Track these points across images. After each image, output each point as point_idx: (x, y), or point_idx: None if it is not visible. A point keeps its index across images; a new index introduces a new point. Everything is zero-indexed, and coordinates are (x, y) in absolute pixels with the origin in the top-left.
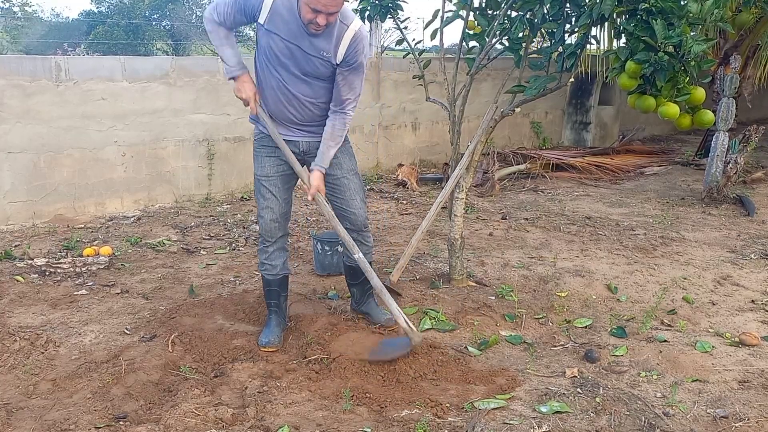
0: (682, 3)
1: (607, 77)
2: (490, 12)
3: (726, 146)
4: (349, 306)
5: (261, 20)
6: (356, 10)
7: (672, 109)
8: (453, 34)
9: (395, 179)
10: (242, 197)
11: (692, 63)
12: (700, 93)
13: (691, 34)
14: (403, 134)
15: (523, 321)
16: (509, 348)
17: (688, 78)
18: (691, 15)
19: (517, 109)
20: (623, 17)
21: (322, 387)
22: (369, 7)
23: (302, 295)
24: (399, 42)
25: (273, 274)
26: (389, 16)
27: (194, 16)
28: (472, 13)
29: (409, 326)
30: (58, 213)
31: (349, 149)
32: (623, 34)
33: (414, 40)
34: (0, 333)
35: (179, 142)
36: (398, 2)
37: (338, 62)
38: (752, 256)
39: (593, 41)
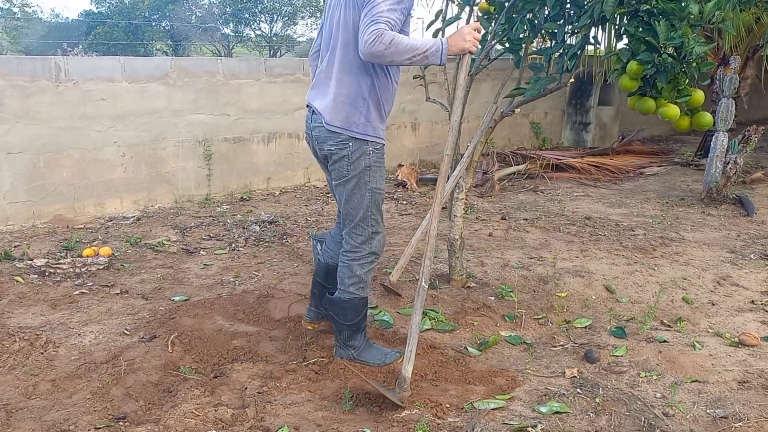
0: (683, 4)
1: (607, 79)
2: (492, 10)
3: (725, 146)
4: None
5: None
6: None
7: (672, 110)
8: None
9: (395, 179)
10: (242, 197)
11: (693, 64)
12: (699, 95)
13: (692, 35)
14: (402, 134)
15: (523, 321)
16: (509, 348)
17: (688, 80)
18: (692, 16)
19: (517, 110)
20: (624, 18)
21: (322, 387)
22: None
23: (302, 295)
24: None
25: (365, 293)
26: None
27: (194, 17)
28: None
29: (405, 380)
30: (58, 213)
31: None
32: (624, 36)
33: None
34: (0, 333)
35: (179, 142)
36: None
37: None
38: (752, 256)
39: (594, 42)
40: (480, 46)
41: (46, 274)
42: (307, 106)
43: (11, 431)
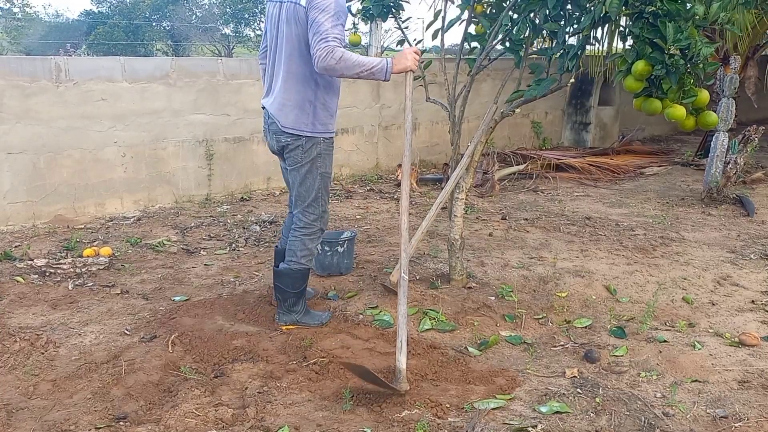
0: (688, 6)
1: (611, 80)
2: (493, 11)
3: (726, 146)
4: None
5: None
6: (359, 10)
7: (679, 111)
8: (454, 34)
9: (395, 179)
10: (242, 198)
11: (700, 65)
12: (705, 95)
13: (698, 36)
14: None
15: (523, 321)
16: (509, 348)
17: (693, 80)
18: (697, 17)
19: (517, 110)
20: (628, 20)
21: (323, 387)
22: (371, 6)
23: None
24: (400, 42)
25: (312, 264)
26: (390, 15)
27: (194, 17)
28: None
29: (401, 371)
30: (58, 213)
31: None
32: (629, 37)
33: (415, 40)
34: (0, 333)
35: (179, 142)
36: (400, 2)
37: None
38: (752, 256)
39: (594, 42)
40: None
41: (47, 274)
42: (263, 107)
43: (12, 431)
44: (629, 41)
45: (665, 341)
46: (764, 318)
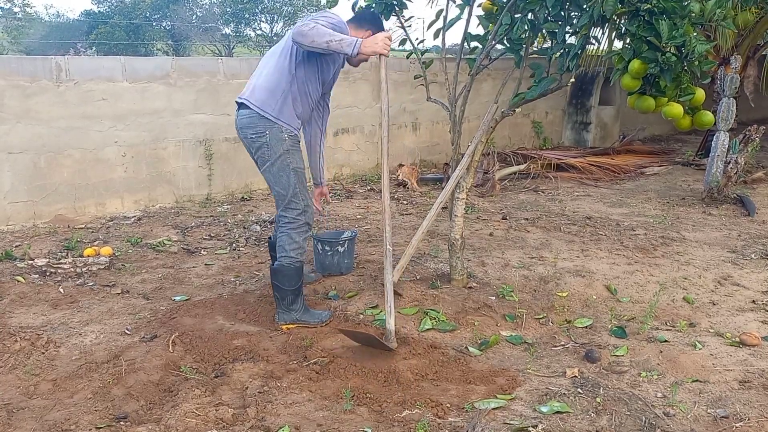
0: (684, 3)
1: (610, 80)
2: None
3: (726, 146)
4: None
5: None
6: (361, 7)
7: (675, 108)
8: (454, 34)
9: (395, 179)
10: (242, 197)
11: (695, 63)
12: (700, 94)
13: (694, 34)
14: (403, 134)
15: (524, 321)
16: (510, 348)
17: (689, 78)
18: (693, 15)
19: (518, 110)
20: (624, 18)
21: (323, 387)
22: (374, 5)
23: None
24: (402, 42)
25: (304, 258)
26: (393, 14)
27: (195, 17)
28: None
29: (391, 332)
30: (59, 213)
31: None
32: (626, 35)
33: (417, 39)
34: (1, 333)
35: (179, 142)
36: (404, 0)
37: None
38: (753, 256)
39: (594, 41)
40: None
41: (47, 273)
42: (236, 102)
43: (12, 431)
44: (626, 39)
45: (666, 341)
46: (765, 318)
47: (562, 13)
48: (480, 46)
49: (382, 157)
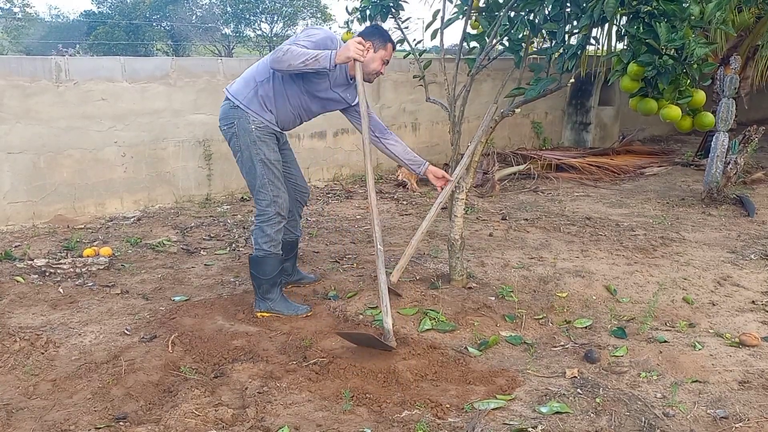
0: (683, 6)
1: (609, 80)
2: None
3: (726, 147)
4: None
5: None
6: (356, 9)
7: (674, 111)
8: (453, 34)
9: (395, 180)
10: (242, 198)
11: (694, 66)
12: (700, 96)
13: (693, 36)
14: (403, 135)
15: (523, 321)
16: (509, 348)
17: (689, 81)
18: (693, 18)
19: (517, 110)
20: (624, 19)
21: (322, 387)
22: (369, 7)
23: (302, 295)
24: (400, 42)
25: (278, 250)
26: (390, 15)
27: (194, 17)
28: (475, 15)
29: (389, 331)
30: (58, 213)
31: None
32: (626, 37)
33: (415, 40)
34: (0, 333)
35: (179, 142)
36: (399, 2)
37: (353, 103)
38: (752, 256)
39: (594, 42)
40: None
41: (47, 274)
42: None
43: (12, 431)
44: (626, 41)
45: (665, 341)
46: (764, 318)
47: (562, 13)
48: (479, 46)
49: (365, 159)
